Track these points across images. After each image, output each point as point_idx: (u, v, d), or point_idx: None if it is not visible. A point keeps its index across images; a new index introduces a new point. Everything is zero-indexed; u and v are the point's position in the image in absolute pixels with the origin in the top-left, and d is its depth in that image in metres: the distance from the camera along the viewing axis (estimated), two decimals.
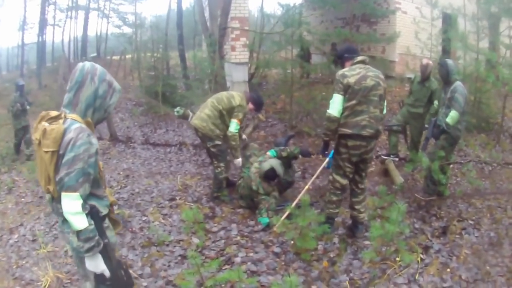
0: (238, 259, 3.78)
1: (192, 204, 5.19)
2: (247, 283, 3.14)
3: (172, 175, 6.52)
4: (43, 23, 21.69)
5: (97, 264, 2.13)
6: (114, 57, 19.19)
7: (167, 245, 4.29)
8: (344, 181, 3.90)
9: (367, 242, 3.83)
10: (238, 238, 4.22)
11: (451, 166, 5.34)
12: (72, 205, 1.97)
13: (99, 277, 2.19)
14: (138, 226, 4.79)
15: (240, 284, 2.97)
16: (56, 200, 2.13)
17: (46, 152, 1.99)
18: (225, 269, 3.65)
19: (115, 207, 4.86)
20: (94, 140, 2.07)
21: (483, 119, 7.75)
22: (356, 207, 4.03)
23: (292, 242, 3.80)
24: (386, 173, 5.78)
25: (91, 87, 2.10)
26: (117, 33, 24.91)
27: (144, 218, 4.97)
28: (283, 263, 3.66)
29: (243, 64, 9.75)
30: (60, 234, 2.39)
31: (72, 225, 2.00)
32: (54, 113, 2.12)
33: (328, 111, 3.70)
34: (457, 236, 4.08)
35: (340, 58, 4.00)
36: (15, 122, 8.75)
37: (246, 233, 4.32)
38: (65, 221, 2.11)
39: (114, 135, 9.44)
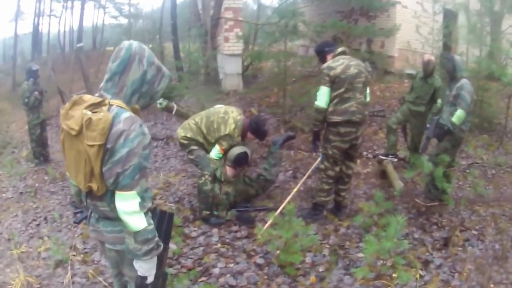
0: (216, 270, 3.41)
1: (172, 204, 4.79)
2: None
3: (156, 171, 6.13)
4: (38, 13, 21.20)
5: (149, 268, 1.89)
6: (108, 48, 18.72)
7: None
8: (336, 168, 4.02)
9: (361, 255, 3.43)
10: (219, 245, 3.83)
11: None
12: (128, 204, 1.75)
13: (139, 280, 1.91)
14: None
15: None
16: (95, 197, 1.87)
17: (91, 146, 1.70)
18: (201, 281, 3.28)
19: None
20: (146, 130, 1.82)
21: (486, 119, 7.35)
22: (342, 193, 4.20)
23: (277, 252, 3.41)
24: (383, 175, 5.37)
25: (138, 70, 1.85)
26: (114, 24, 24.43)
27: None
28: (265, 277, 3.26)
29: (236, 56, 9.43)
30: (93, 232, 2.07)
31: (129, 226, 1.76)
32: (91, 98, 1.81)
33: (316, 102, 3.84)
34: (459, 248, 3.69)
35: (321, 53, 4.10)
36: (32, 116, 6.84)
37: (228, 240, 3.93)
38: (101, 219, 1.96)
39: None
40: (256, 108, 8.20)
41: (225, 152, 4.27)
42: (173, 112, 5.42)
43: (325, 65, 3.85)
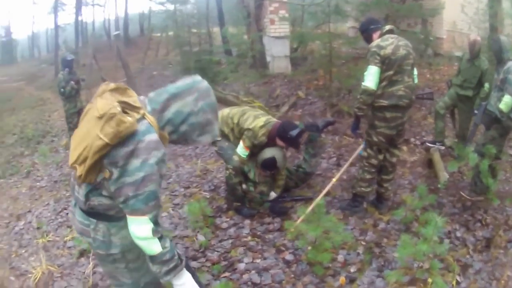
0: (241, 266, 3.27)
1: (207, 193, 4.69)
2: None
3: (196, 158, 6.07)
4: (79, 3, 21.89)
5: (184, 283, 1.82)
6: (155, 34, 18.99)
7: (170, 240, 3.85)
8: (380, 157, 3.76)
9: (397, 254, 3.14)
10: (249, 238, 3.68)
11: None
12: (141, 229, 1.67)
13: None
14: None
15: None
16: (76, 181, 1.79)
17: (100, 138, 1.58)
18: (224, 277, 3.16)
19: None
20: (166, 158, 1.72)
21: None
22: (385, 184, 3.93)
23: (308, 248, 3.19)
24: (430, 164, 4.97)
25: (188, 107, 1.74)
26: (160, 10, 24.74)
27: None
28: (292, 275, 3.07)
29: (283, 38, 9.19)
30: (70, 213, 2.03)
31: (144, 250, 1.73)
32: (134, 97, 1.75)
33: (364, 84, 3.51)
34: (501, 251, 3.29)
35: (366, 31, 3.80)
36: (69, 106, 6.97)
37: (259, 233, 3.76)
38: (77, 205, 1.89)
39: None
40: (304, 91, 7.92)
41: (252, 150, 3.96)
42: None
43: (374, 43, 3.55)
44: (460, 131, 5.30)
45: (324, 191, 3.96)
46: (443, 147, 5.27)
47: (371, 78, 3.47)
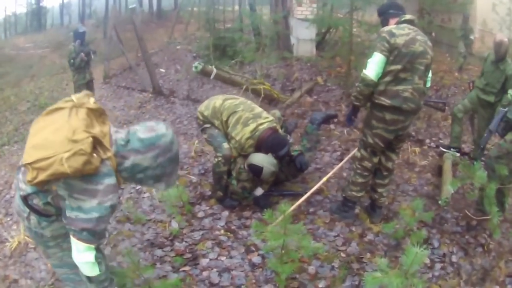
0: (205, 262, 3.00)
1: (195, 177, 4.41)
2: None
3: (197, 138, 5.78)
4: None
5: None
6: (187, 9, 18.74)
7: (143, 224, 3.64)
8: (374, 160, 3.37)
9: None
10: (222, 232, 3.40)
11: None
12: (84, 255, 1.76)
13: None
14: (127, 195, 4.17)
15: None
16: (25, 170, 1.77)
17: (63, 165, 1.60)
18: (183, 271, 2.91)
19: None
20: (117, 201, 1.80)
21: None
22: (379, 190, 3.51)
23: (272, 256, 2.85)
24: (441, 171, 4.49)
25: (146, 161, 1.78)
26: None
27: (138, 187, 4.32)
28: (254, 280, 2.76)
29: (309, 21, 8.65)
30: (17, 210, 1.97)
31: (83, 271, 1.80)
32: (103, 121, 1.83)
33: (364, 71, 3.10)
34: (496, 287, 2.85)
35: (383, 14, 3.40)
36: (78, 77, 6.99)
37: (233, 227, 3.47)
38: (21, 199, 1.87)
39: (157, 88, 8.97)
40: (324, 77, 7.53)
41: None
42: (212, 76, 4.97)
43: (386, 28, 3.13)
44: (478, 138, 4.77)
45: (313, 189, 3.63)
46: (458, 154, 4.78)
47: (373, 66, 3.05)
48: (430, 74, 3.30)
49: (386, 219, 3.57)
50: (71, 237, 1.74)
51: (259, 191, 3.80)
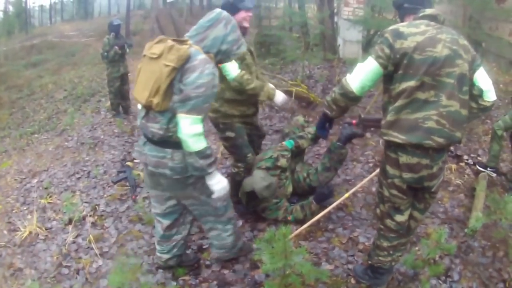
0: (206, 273, 2.90)
1: None
2: None
3: None
4: None
5: (219, 179, 2.35)
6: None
7: (154, 227, 3.55)
8: (398, 217, 2.43)
9: None
10: None
11: None
12: (194, 127, 2.11)
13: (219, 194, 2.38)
14: (145, 194, 4.15)
15: None
16: (151, 118, 2.24)
17: (167, 65, 2.07)
18: (183, 279, 2.84)
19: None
20: (217, 73, 2.21)
21: None
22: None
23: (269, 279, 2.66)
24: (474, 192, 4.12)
25: (222, 31, 2.27)
26: None
27: None
28: None
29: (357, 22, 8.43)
30: (138, 153, 2.45)
31: (189, 146, 2.14)
32: (175, 39, 2.25)
33: (347, 77, 2.33)
34: None
35: (398, 8, 2.62)
36: (111, 70, 6.91)
37: (244, 239, 3.31)
38: (147, 143, 2.32)
39: None
40: None
41: None
42: None
43: (391, 26, 2.26)
44: None
45: (333, 205, 3.37)
46: (494, 174, 4.38)
47: (360, 75, 2.26)
48: (488, 82, 2.25)
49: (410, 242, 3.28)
50: (179, 115, 2.10)
51: None
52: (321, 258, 2.96)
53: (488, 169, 4.37)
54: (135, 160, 4.99)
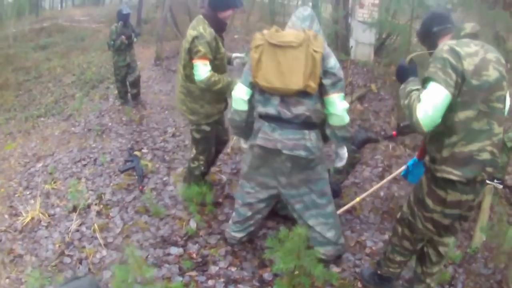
0: (214, 269, 2.86)
1: (225, 176, 4.23)
2: None
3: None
4: None
5: (345, 152, 2.72)
6: None
7: (161, 219, 3.55)
8: (421, 244, 2.44)
9: None
10: None
11: None
12: (344, 103, 2.47)
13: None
14: (152, 186, 4.10)
15: None
16: (288, 102, 2.46)
17: (317, 52, 2.31)
18: (189, 275, 2.80)
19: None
20: None
21: None
22: (427, 280, 2.50)
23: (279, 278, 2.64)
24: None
25: (317, 28, 2.54)
26: None
27: (164, 179, 4.27)
28: None
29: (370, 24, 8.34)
30: (264, 140, 2.54)
31: (344, 120, 2.50)
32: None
33: (417, 113, 1.87)
34: None
35: (427, 35, 2.26)
36: (117, 58, 6.78)
37: (253, 236, 3.28)
38: (277, 128, 2.51)
39: None
40: (378, 84, 7.08)
41: None
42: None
43: (446, 45, 1.95)
44: None
45: (344, 209, 3.36)
46: (501, 186, 4.33)
47: (431, 108, 1.85)
48: (508, 103, 2.14)
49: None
50: (333, 95, 2.43)
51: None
52: (329, 261, 2.94)
53: (495, 180, 4.33)
54: (142, 150, 4.97)
